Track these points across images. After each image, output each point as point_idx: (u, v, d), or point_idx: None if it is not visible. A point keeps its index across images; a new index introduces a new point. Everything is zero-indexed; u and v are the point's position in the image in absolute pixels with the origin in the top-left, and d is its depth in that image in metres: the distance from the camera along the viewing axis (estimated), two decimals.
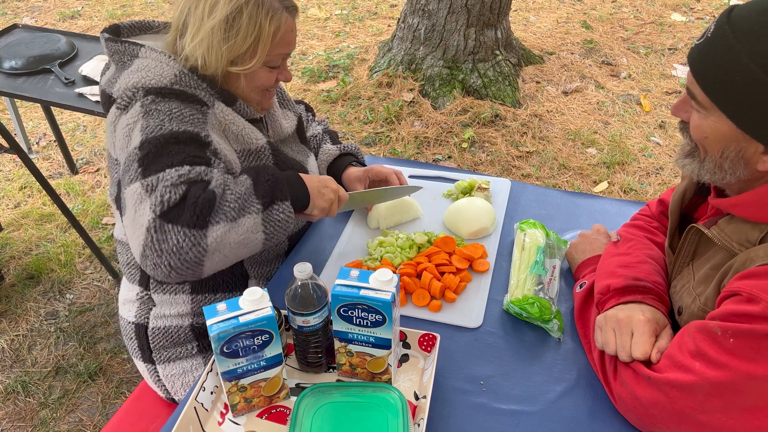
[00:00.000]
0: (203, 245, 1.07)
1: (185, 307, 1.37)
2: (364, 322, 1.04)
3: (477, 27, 3.63)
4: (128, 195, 1.12)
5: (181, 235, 1.06)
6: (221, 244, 1.09)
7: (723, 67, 0.87)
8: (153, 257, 1.07)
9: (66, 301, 2.49)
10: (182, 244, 1.06)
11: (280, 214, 1.17)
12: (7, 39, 2.57)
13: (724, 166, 0.95)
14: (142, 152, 1.13)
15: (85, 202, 3.02)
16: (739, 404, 0.90)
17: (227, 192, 1.13)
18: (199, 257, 1.07)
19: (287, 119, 1.52)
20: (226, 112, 1.29)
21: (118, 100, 1.24)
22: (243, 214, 1.12)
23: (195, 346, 1.38)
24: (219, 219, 1.09)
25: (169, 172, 1.10)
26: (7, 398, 2.12)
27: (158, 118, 1.17)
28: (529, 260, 1.33)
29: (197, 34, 1.22)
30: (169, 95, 1.21)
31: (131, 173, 1.13)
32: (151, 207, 1.08)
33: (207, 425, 1.06)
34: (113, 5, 5.13)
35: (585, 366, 1.16)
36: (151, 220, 1.07)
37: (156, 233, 1.06)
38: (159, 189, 1.08)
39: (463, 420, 1.07)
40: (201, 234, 1.07)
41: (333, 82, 3.93)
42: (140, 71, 1.24)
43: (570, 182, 3.09)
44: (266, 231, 1.15)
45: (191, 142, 1.17)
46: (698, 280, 1.06)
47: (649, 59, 4.18)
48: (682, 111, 1.00)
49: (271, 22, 1.23)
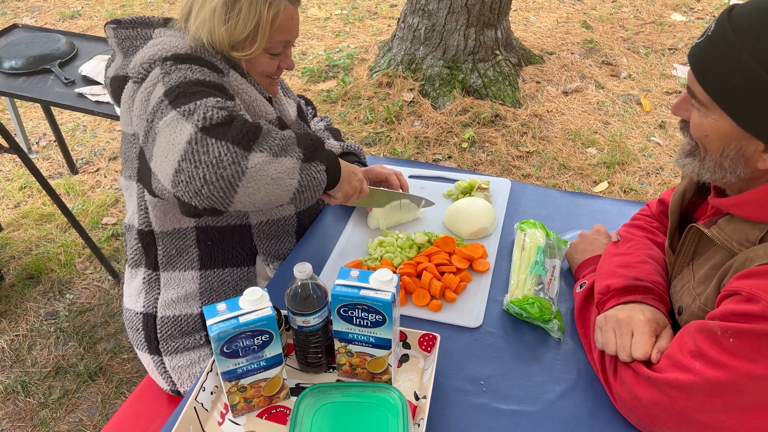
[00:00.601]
0: (243, 165, 1.05)
1: (193, 285, 1.38)
2: (364, 322, 1.04)
3: (477, 27, 3.63)
4: (161, 127, 1.10)
5: (225, 148, 1.05)
6: (259, 173, 1.07)
7: (723, 65, 0.87)
8: (189, 168, 1.04)
9: (66, 301, 2.49)
10: (223, 158, 1.04)
11: (316, 173, 1.17)
12: (7, 39, 2.57)
13: (724, 164, 0.95)
14: (169, 95, 1.14)
15: (85, 202, 3.02)
16: (739, 404, 0.90)
17: (272, 130, 1.14)
18: (236, 177, 1.05)
19: (290, 105, 1.55)
20: (240, 81, 1.30)
21: (134, 75, 1.26)
22: (285, 154, 1.12)
23: (203, 335, 1.39)
24: (263, 148, 1.09)
25: (207, 100, 1.11)
26: (7, 398, 2.12)
27: (180, 73, 1.19)
28: (529, 260, 1.33)
29: (199, 15, 1.25)
30: (186, 60, 1.22)
31: (160, 112, 1.12)
32: (193, 123, 1.06)
33: (207, 425, 1.06)
34: (113, 5, 5.13)
35: (585, 366, 1.16)
36: (193, 134, 1.05)
37: (197, 144, 1.05)
38: (201, 110, 1.09)
39: (463, 420, 1.07)
40: (243, 154, 1.06)
41: (333, 82, 3.93)
42: (156, 45, 1.26)
43: (570, 182, 3.09)
44: (301, 181, 1.14)
45: (218, 88, 1.19)
46: (698, 279, 1.06)
47: (649, 59, 4.18)
48: (682, 110, 1.01)
49: (269, 8, 1.25)
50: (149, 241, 1.38)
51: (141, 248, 1.41)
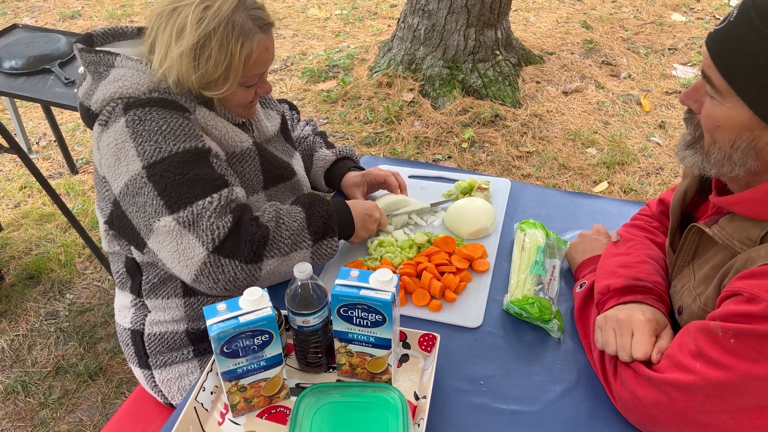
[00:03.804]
0: (257, 276, 1.19)
1: (179, 312, 1.37)
2: (364, 322, 1.04)
3: (477, 27, 3.63)
4: (160, 230, 1.17)
5: (239, 269, 1.17)
6: (272, 274, 1.21)
7: (746, 50, 0.85)
8: (208, 283, 1.17)
9: (66, 301, 2.49)
10: (238, 276, 1.17)
11: (327, 249, 1.28)
12: (7, 39, 2.57)
13: (733, 157, 0.92)
14: (155, 183, 1.15)
15: (85, 202, 3.02)
16: (740, 405, 0.90)
17: (282, 227, 1.22)
18: (252, 283, 1.18)
19: (270, 119, 1.50)
20: (208, 117, 1.26)
21: (99, 116, 1.22)
22: (295, 249, 1.23)
23: (191, 350, 1.38)
24: (273, 254, 1.20)
25: (201, 204, 1.15)
26: (7, 398, 2.12)
27: (151, 140, 1.16)
28: (529, 260, 1.33)
29: (164, 60, 1.18)
30: (149, 104, 1.18)
31: (154, 207, 1.16)
32: (202, 243, 1.14)
33: (207, 425, 1.06)
34: (113, 5, 5.13)
35: (585, 366, 1.16)
36: (206, 256, 1.15)
37: (212, 267, 1.16)
38: (203, 224, 1.14)
39: (463, 420, 1.07)
40: (256, 267, 1.18)
41: (333, 82, 3.93)
42: (117, 81, 1.21)
43: (570, 182, 3.09)
44: (313, 261, 1.27)
45: (198, 161, 1.19)
46: (699, 279, 1.06)
47: (649, 59, 4.18)
48: (692, 99, 0.98)
49: (242, 48, 1.18)
50: (133, 268, 1.36)
51: (126, 273, 1.39)
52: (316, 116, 3.65)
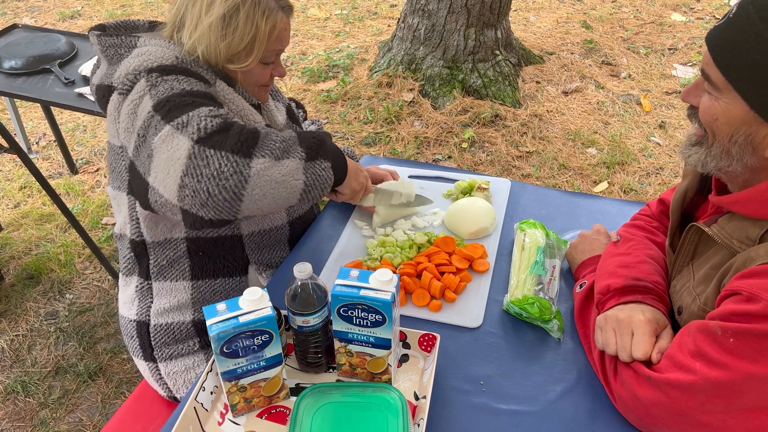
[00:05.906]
0: (246, 173, 1.05)
1: (185, 295, 1.37)
2: (364, 322, 1.04)
3: (477, 27, 3.63)
4: (157, 143, 1.09)
5: (224, 159, 1.04)
6: (262, 179, 1.06)
7: (742, 45, 0.87)
8: (192, 183, 1.03)
9: (66, 301, 2.49)
10: (224, 169, 1.03)
11: (321, 170, 1.16)
12: (7, 39, 2.57)
13: (732, 151, 0.94)
14: (160, 109, 1.12)
15: (85, 202, 3.02)
16: (740, 404, 0.90)
17: (271, 133, 1.12)
18: (240, 186, 1.04)
19: (279, 111, 1.54)
20: (227, 91, 1.30)
21: (119, 86, 1.23)
22: (286, 156, 1.11)
23: (197, 342, 1.38)
24: (264, 153, 1.08)
25: (199, 110, 1.09)
26: (7, 398, 2.12)
27: (167, 84, 1.17)
28: (529, 260, 1.33)
29: (195, 31, 1.24)
30: (172, 71, 1.21)
31: (154, 127, 1.10)
32: (188, 136, 1.05)
33: (207, 425, 1.06)
34: (113, 5, 5.13)
35: (585, 366, 1.16)
36: (191, 147, 1.04)
37: (196, 159, 1.03)
38: (194, 120, 1.07)
39: (463, 420, 1.07)
40: (244, 162, 1.05)
41: (333, 82, 3.93)
42: (141, 56, 1.24)
43: (570, 182, 3.09)
44: (306, 180, 1.13)
45: (207, 97, 1.17)
46: (698, 279, 1.06)
47: (649, 59, 4.18)
48: (692, 95, 0.99)
49: (267, 21, 1.25)
50: (141, 250, 1.37)
51: (133, 257, 1.39)
52: (316, 116, 3.65)
